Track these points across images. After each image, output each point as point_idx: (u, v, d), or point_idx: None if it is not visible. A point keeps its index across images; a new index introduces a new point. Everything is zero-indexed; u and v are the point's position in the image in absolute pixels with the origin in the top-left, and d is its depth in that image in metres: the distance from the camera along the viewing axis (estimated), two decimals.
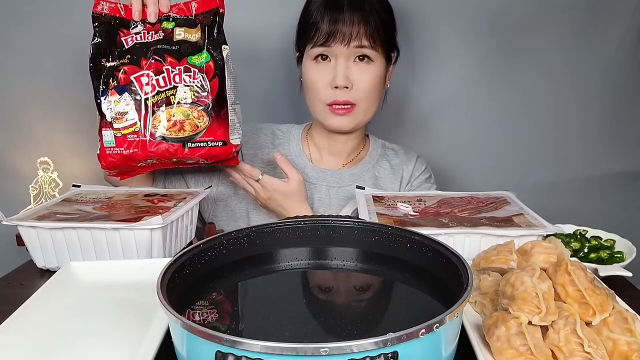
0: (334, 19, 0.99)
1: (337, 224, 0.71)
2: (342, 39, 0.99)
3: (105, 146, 0.90)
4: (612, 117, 1.37)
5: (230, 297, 0.65)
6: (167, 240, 0.84)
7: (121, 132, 0.90)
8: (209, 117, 0.89)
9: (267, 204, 1.05)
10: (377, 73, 1.04)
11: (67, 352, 0.60)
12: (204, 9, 0.92)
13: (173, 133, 0.89)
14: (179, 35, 0.91)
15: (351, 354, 0.42)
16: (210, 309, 0.60)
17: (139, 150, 0.89)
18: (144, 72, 0.90)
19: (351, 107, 1.04)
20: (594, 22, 1.29)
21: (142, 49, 0.91)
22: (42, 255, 0.84)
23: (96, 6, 0.92)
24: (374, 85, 1.04)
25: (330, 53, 1.02)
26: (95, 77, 0.91)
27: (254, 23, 1.29)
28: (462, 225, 0.81)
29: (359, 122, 1.08)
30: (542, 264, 0.66)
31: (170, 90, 0.90)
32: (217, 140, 0.90)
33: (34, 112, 1.31)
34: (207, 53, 0.90)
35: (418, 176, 1.17)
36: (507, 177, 1.39)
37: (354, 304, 0.65)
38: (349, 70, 1.02)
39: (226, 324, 0.58)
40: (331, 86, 1.02)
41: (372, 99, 1.06)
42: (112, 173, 0.96)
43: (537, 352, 0.54)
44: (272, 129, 1.19)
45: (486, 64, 1.33)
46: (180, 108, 0.89)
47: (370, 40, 1.00)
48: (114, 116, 0.90)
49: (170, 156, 0.90)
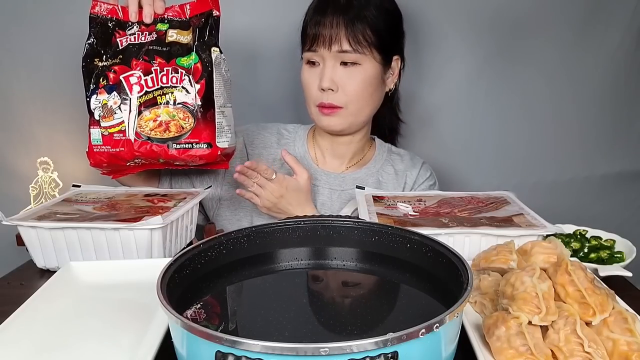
0: (318, 22, 1.01)
1: (337, 224, 0.71)
2: (323, 42, 1.00)
3: (92, 144, 0.92)
4: (612, 117, 1.37)
5: (230, 297, 0.65)
6: (167, 240, 0.84)
7: (108, 131, 0.90)
8: (194, 119, 0.90)
9: (277, 203, 1.03)
10: (366, 76, 1.03)
11: (67, 352, 0.60)
12: (197, 11, 0.92)
13: (158, 133, 0.90)
14: (171, 36, 0.92)
15: (351, 354, 0.42)
16: (210, 309, 0.60)
17: (125, 149, 0.90)
18: (133, 72, 0.90)
19: (336, 109, 1.04)
20: (593, 22, 1.29)
21: (135, 49, 0.92)
22: (42, 255, 0.84)
23: (94, 7, 0.93)
24: (363, 87, 1.04)
25: (317, 57, 1.03)
26: (86, 76, 0.92)
27: (256, 25, 1.29)
28: (462, 225, 0.81)
29: (350, 123, 1.07)
30: (542, 264, 0.66)
31: (158, 91, 0.90)
32: (202, 142, 0.90)
33: (34, 112, 1.31)
34: (195, 55, 0.90)
35: (422, 183, 1.17)
36: (507, 177, 1.39)
37: (354, 303, 0.64)
38: (335, 73, 1.02)
39: (226, 324, 0.58)
40: (319, 88, 1.03)
41: (362, 101, 1.05)
42: (104, 171, 0.97)
43: (537, 352, 0.54)
44: (278, 128, 1.19)
45: (486, 64, 1.33)
46: (166, 109, 0.90)
47: (352, 43, 1.00)
48: (101, 115, 0.91)
49: (156, 156, 0.91)
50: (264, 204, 1.04)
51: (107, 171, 0.97)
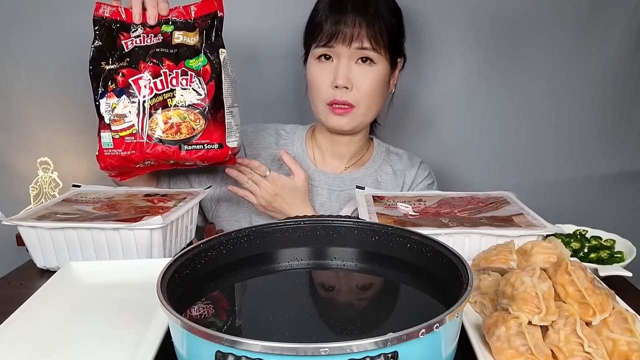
0: (337, 19, 1.00)
1: (337, 224, 0.71)
2: (343, 40, 1.00)
3: (103, 148, 0.91)
4: (612, 117, 1.37)
5: (230, 297, 0.65)
6: (167, 240, 0.84)
7: (119, 134, 0.90)
8: (205, 120, 0.90)
9: (272, 201, 1.04)
10: (379, 76, 1.04)
11: (67, 352, 0.60)
12: (202, 12, 0.92)
13: (170, 135, 0.90)
14: (178, 38, 0.92)
15: (351, 354, 0.42)
16: (210, 309, 0.60)
17: (137, 152, 0.90)
18: (142, 75, 0.90)
19: (349, 108, 1.04)
20: (593, 22, 1.29)
21: (141, 52, 0.91)
22: (42, 255, 0.84)
23: (97, 10, 0.93)
24: (375, 87, 1.04)
25: (332, 53, 1.03)
26: (94, 80, 0.92)
27: (257, 25, 1.29)
28: (462, 225, 0.81)
29: (359, 123, 1.08)
30: (542, 264, 0.66)
31: (168, 93, 0.90)
32: (214, 142, 0.90)
33: (34, 112, 1.31)
34: (204, 57, 0.91)
35: (420, 182, 1.17)
36: (507, 177, 1.39)
37: (354, 304, 0.65)
38: (350, 71, 1.02)
39: (226, 324, 0.58)
40: (332, 86, 1.03)
41: (372, 101, 1.06)
42: (112, 174, 0.97)
43: (537, 352, 0.54)
44: (276, 128, 1.19)
45: (486, 64, 1.33)
46: (176, 111, 0.90)
47: (372, 42, 1.00)
48: (112, 118, 0.91)
49: (168, 158, 0.91)
50: (260, 202, 1.05)
51: (115, 174, 0.97)
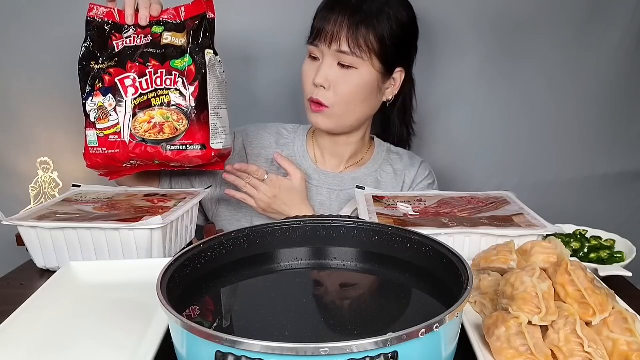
0: (324, 17, 1.00)
1: (337, 224, 0.71)
2: (325, 39, 1.00)
3: (88, 146, 0.93)
4: (612, 117, 1.37)
5: (230, 297, 0.65)
6: (167, 240, 0.84)
7: (103, 133, 0.91)
8: (188, 120, 0.90)
9: (271, 203, 1.04)
10: (361, 82, 1.02)
11: (66, 352, 0.60)
12: (192, 14, 0.93)
13: (152, 135, 0.90)
14: (166, 39, 0.92)
15: (351, 354, 0.42)
16: (211, 308, 0.60)
17: (120, 150, 0.91)
18: (128, 74, 0.91)
19: (322, 107, 1.03)
20: (594, 22, 1.29)
21: (130, 52, 0.92)
22: (42, 255, 0.84)
23: (90, 11, 0.94)
24: (355, 92, 1.02)
25: (318, 52, 1.03)
26: (82, 79, 0.93)
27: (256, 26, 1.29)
28: (462, 225, 0.81)
29: (336, 124, 1.06)
30: (542, 264, 0.66)
31: (152, 93, 0.91)
32: (196, 143, 0.90)
33: (34, 112, 1.31)
34: (189, 57, 0.91)
35: (420, 182, 1.16)
36: (507, 177, 1.39)
37: (354, 303, 0.64)
38: (331, 72, 1.01)
39: (226, 324, 0.58)
40: (312, 83, 1.03)
41: (350, 105, 1.04)
42: (101, 173, 0.98)
43: (537, 352, 0.54)
44: (277, 128, 1.19)
45: (487, 64, 1.33)
46: (160, 111, 0.90)
47: (351, 46, 0.99)
48: (97, 117, 0.91)
49: (152, 158, 0.91)
50: (259, 205, 1.05)
51: (105, 172, 0.98)
